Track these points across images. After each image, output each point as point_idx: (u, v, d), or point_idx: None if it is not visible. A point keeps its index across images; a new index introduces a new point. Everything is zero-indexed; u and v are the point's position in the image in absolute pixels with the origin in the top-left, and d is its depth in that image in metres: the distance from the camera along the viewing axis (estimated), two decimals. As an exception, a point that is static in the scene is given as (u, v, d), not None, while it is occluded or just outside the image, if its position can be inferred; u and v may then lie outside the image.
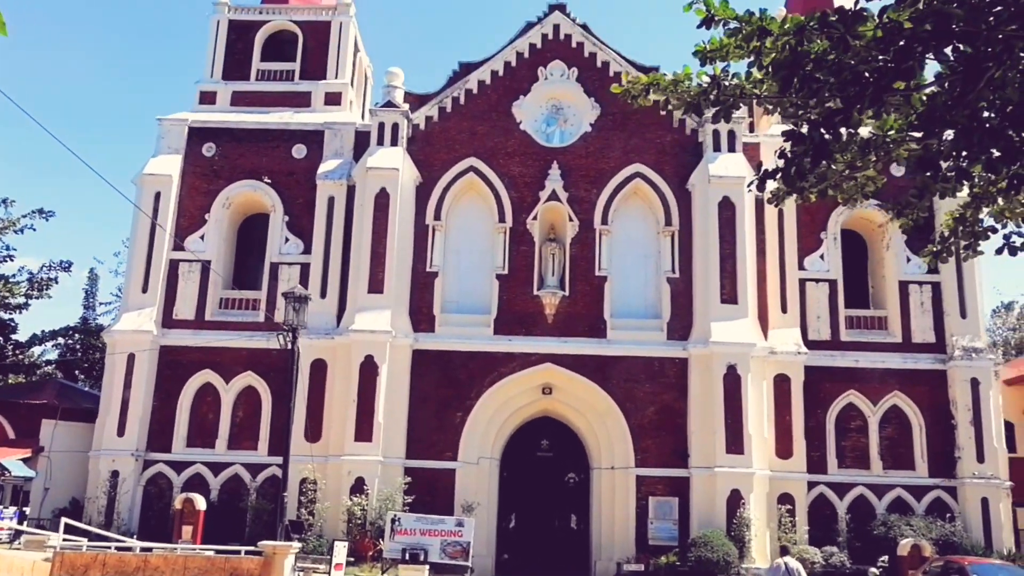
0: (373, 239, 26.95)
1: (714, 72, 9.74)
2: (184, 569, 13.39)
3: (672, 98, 10.12)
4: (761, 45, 9.59)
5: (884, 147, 9.99)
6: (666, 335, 26.88)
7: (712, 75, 9.79)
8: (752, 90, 9.81)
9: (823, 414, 26.73)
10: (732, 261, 26.59)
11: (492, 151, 28.23)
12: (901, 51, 8.05)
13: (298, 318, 15.99)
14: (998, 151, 8.96)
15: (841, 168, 10.29)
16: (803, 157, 9.15)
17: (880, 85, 8.16)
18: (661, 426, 26.26)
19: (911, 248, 27.84)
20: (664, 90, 10.23)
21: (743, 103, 10.05)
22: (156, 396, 27.11)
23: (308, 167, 28.69)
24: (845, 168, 10.35)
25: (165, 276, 27.92)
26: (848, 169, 10.41)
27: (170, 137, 28.96)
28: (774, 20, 8.84)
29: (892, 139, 9.87)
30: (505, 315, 27.10)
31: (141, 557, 13.66)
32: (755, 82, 9.80)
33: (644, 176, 27.97)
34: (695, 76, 10.00)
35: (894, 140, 9.88)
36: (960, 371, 26.49)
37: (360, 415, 25.58)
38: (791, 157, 9.32)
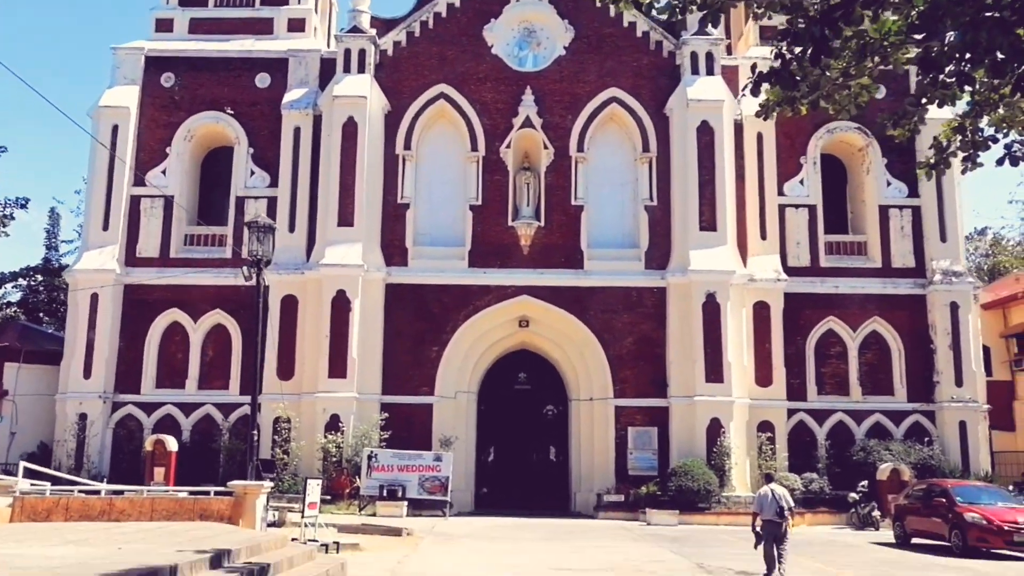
0: (342, 170, 26.06)
1: (702, -30, 9.00)
2: (152, 512, 12.88)
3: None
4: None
5: (882, 51, 9.34)
6: (644, 264, 26.38)
7: (700, -26, 9.04)
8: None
9: (803, 341, 26.47)
10: (711, 187, 26.00)
11: (463, 77, 27.24)
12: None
13: (263, 249, 15.26)
14: (1003, 52, 8.34)
15: (835, 75, 9.65)
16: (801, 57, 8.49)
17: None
18: (640, 356, 25.92)
19: (891, 172, 27.39)
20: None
21: (734, 3, 9.31)
22: (122, 336, 26.36)
23: (272, 97, 27.58)
24: (839, 75, 9.71)
25: (127, 213, 26.94)
26: (842, 76, 9.77)
27: (126, 67, 27.68)
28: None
29: (891, 42, 9.21)
30: (479, 247, 26.45)
31: (106, 500, 13.13)
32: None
33: (620, 101, 27.15)
34: (680, -24, 9.24)
35: (892, 43, 9.22)
36: (939, 295, 26.26)
37: (333, 351, 25.02)
38: (788, 57, 8.67)
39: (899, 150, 27.41)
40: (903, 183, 27.28)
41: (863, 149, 27.72)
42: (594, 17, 27.55)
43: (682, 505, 23.03)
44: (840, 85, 9.80)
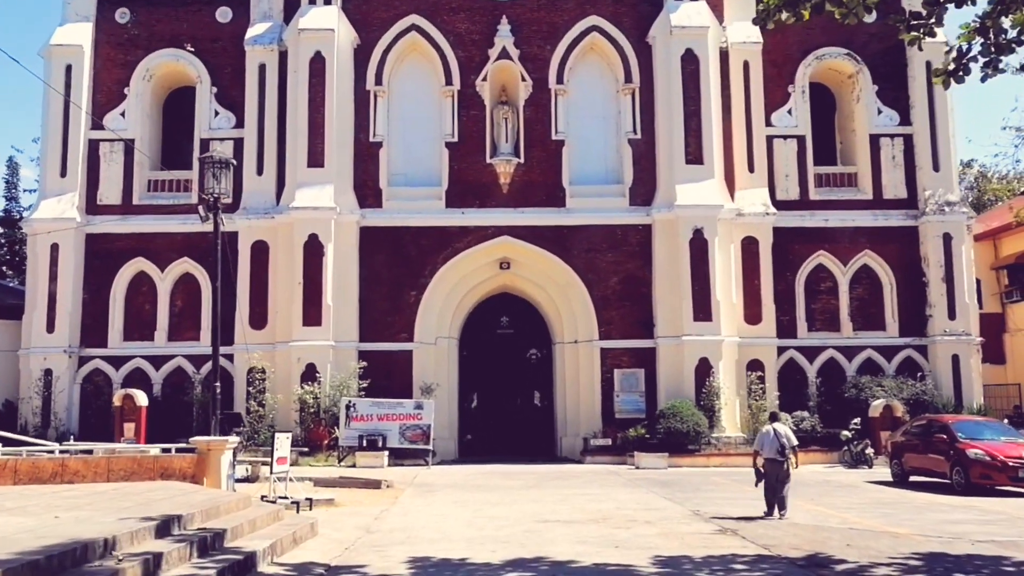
0: (310, 108, 24.79)
1: None
2: (108, 472, 11.99)
3: None
4: None
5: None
6: (628, 201, 25.40)
7: None
8: None
9: (792, 277, 25.69)
10: (697, 119, 24.93)
11: (435, 6, 25.86)
12: None
13: (219, 186, 14.17)
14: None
15: (845, -30, 8.62)
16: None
17: None
18: (625, 296, 25.08)
19: (882, 100, 26.40)
20: None
21: None
22: (86, 288, 25.24)
23: (235, 32, 26.12)
24: (849, -29, 8.69)
25: (85, 158, 25.63)
26: (852, -27, 8.75)
27: (77, 2, 26.09)
28: None
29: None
30: (457, 186, 25.36)
31: (58, 461, 12.21)
32: None
33: (601, 29, 25.89)
34: None
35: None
36: (932, 226, 25.47)
37: (307, 298, 24.04)
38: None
39: (890, 76, 26.42)
40: (894, 111, 26.31)
41: (853, 76, 26.67)
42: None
43: (671, 448, 22.41)
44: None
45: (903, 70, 26.38)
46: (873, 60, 26.36)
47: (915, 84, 26.14)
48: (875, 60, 26.36)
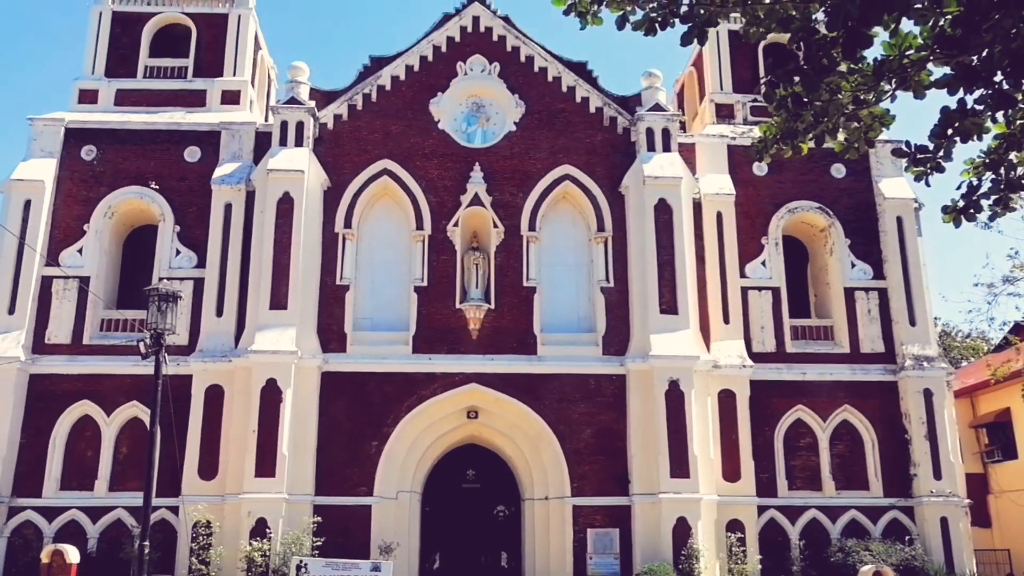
0: (276, 249, 24.10)
1: (688, -34, 7.48)
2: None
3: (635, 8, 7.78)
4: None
5: (900, 71, 7.83)
6: (602, 350, 24.61)
7: (686, -28, 7.52)
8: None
9: (771, 432, 24.73)
10: (671, 268, 24.54)
11: (408, 152, 25.72)
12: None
13: (164, 321, 13.17)
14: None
15: (846, 100, 8.11)
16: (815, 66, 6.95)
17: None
18: (599, 450, 23.90)
19: (855, 253, 26.29)
20: (621, 0, 7.88)
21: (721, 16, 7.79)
22: (24, 432, 23.59)
23: (202, 171, 25.70)
24: (850, 101, 8.17)
25: (36, 295, 24.52)
26: (853, 104, 8.24)
27: (43, 139, 25.66)
28: None
29: (912, 59, 7.72)
30: (425, 331, 24.48)
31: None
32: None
33: (574, 178, 25.81)
34: (662, -22, 7.72)
35: (914, 61, 7.72)
36: (912, 382, 24.82)
37: (261, 447, 22.57)
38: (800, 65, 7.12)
39: (862, 230, 26.45)
40: (867, 264, 26.17)
41: (825, 230, 26.65)
42: (545, 92, 26.47)
43: (649, 616, 20.75)
44: (850, 114, 8.26)
45: (875, 224, 26.42)
46: (845, 214, 26.43)
47: (887, 239, 26.12)
48: (847, 214, 26.44)
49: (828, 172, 26.73)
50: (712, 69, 28.39)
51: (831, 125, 8.39)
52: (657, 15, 7.83)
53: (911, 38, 7.65)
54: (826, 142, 8.59)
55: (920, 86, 7.82)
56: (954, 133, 8.03)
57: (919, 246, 26.17)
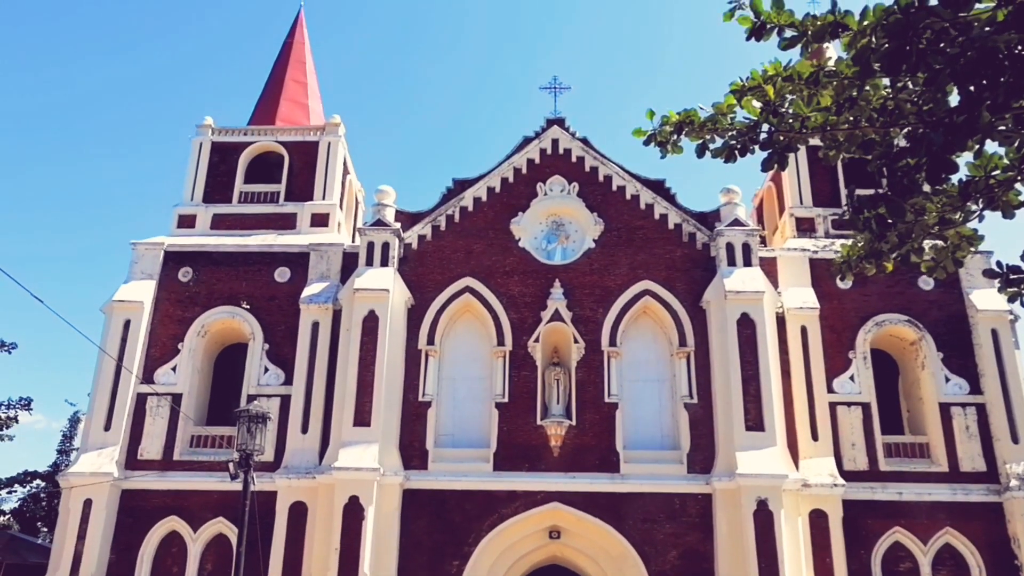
0: (360, 366, 24.54)
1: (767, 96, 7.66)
2: None
3: (714, 136, 7.97)
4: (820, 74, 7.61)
5: (987, 191, 7.79)
6: (686, 468, 24.08)
7: (766, 101, 7.70)
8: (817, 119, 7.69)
9: (867, 555, 23.59)
10: (756, 383, 24.11)
11: (489, 270, 26.21)
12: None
13: (253, 441, 13.46)
14: None
15: (932, 221, 8.07)
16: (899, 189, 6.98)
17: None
18: (685, 572, 23.08)
19: (948, 367, 25.42)
20: (700, 130, 8.08)
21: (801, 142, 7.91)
22: (114, 548, 24.02)
23: (291, 291, 26.60)
24: (936, 222, 8.13)
25: (131, 412, 25.34)
26: (939, 224, 8.19)
27: (144, 262, 27.00)
28: (850, 14, 6.82)
29: (998, 179, 7.68)
30: (506, 448, 24.38)
31: None
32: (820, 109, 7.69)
33: (654, 294, 25.85)
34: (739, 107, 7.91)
35: (1001, 181, 7.68)
36: (1018, 503, 23.51)
37: (343, 565, 22.47)
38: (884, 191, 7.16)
39: (955, 344, 25.64)
40: (963, 379, 25.26)
41: (915, 343, 25.93)
42: (624, 210, 26.85)
43: None
44: (936, 234, 8.21)
45: (968, 337, 25.63)
46: (935, 327, 25.74)
47: (982, 352, 25.27)
48: (937, 327, 25.73)
49: (915, 284, 26.21)
50: (791, 183, 28.45)
51: (916, 245, 8.35)
52: (736, 143, 7.99)
53: (996, 159, 7.63)
54: (912, 259, 8.53)
55: (1008, 206, 7.75)
56: (1049, 252, 7.90)
57: (1017, 359, 25.22)
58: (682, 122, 8.02)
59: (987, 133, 6.77)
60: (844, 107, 7.70)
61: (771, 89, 7.64)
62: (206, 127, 29.57)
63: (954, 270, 8.71)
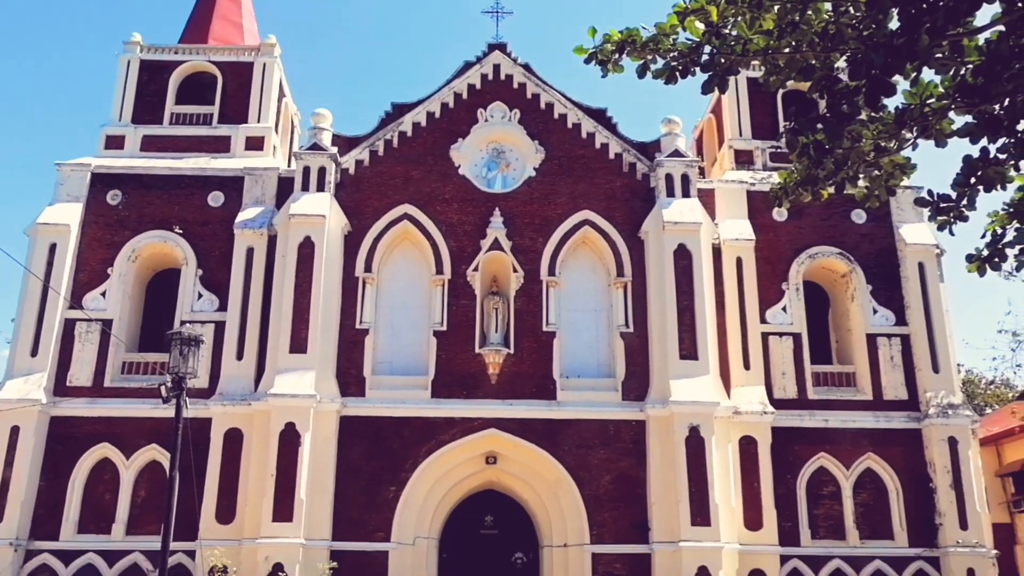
0: (296, 293, 24.24)
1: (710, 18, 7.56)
2: None
3: (656, 57, 7.87)
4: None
5: (922, 120, 7.86)
6: (621, 395, 24.47)
7: (708, 23, 7.60)
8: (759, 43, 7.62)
9: (793, 480, 24.42)
10: (691, 313, 24.47)
11: (428, 197, 25.93)
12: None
13: (186, 365, 13.24)
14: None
15: (867, 148, 8.13)
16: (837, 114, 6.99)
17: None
18: (618, 497, 23.64)
19: (877, 299, 26.10)
20: (642, 50, 7.96)
21: (742, 65, 7.86)
22: (43, 475, 23.65)
23: (225, 216, 25.99)
24: (871, 149, 8.20)
25: (59, 338, 24.73)
26: (874, 152, 8.26)
27: (70, 184, 26.07)
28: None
29: (933, 108, 7.75)
30: (444, 376, 24.46)
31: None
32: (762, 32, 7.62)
33: (593, 224, 25.89)
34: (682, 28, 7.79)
35: (936, 109, 7.75)
36: (936, 429, 24.50)
37: (279, 492, 22.49)
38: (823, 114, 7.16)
39: (884, 277, 26.30)
40: (890, 311, 25.98)
41: (846, 275, 26.52)
42: (565, 138, 26.68)
43: (670, 669, 20.35)
44: (871, 162, 8.28)
45: (896, 270, 26.29)
46: (866, 260, 26.32)
47: (909, 285, 25.97)
48: (868, 260, 26.32)
49: (848, 218, 26.68)
50: (731, 116, 28.55)
51: (852, 173, 8.41)
52: (677, 64, 7.90)
53: (932, 87, 7.68)
54: (847, 189, 8.61)
55: (942, 135, 7.84)
56: (977, 182, 8.02)
57: (941, 292, 25.97)
58: (624, 41, 7.90)
59: (925, 58, 6.79)
60: (786, 31, 7.65)
61: (714, 11, 7.55)
62: (134, 44, 28.39)
63: (887, 199, 8.83)
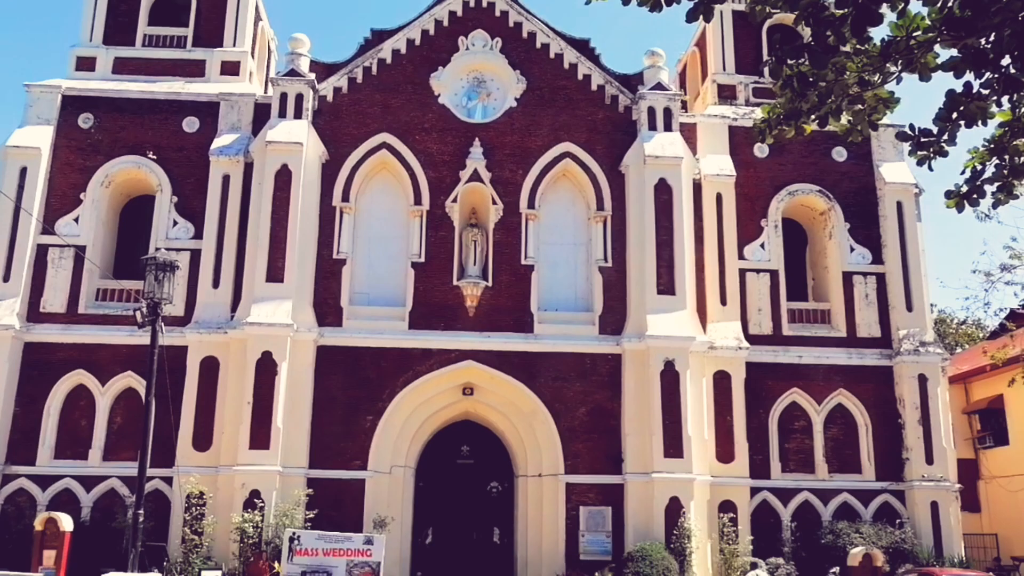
0: (273, 222, 23.99)
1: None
2: (2, 612, 10.35)
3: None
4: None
5: (907, 52, 7.74)
6: (598, 329, 24.57)
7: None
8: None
9: (765, 414, 24.78)
10: (669, 249, 24.48)
11: (407, 126, 25.56)
12: None
13: (161, 290, 13.12)
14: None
15: (851, 80, 8.01)
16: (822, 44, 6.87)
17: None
18: (593, 429, 23.92)
19: (854, 238, 26.22)
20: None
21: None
22: (18, 401, 23.57)
23: (200, 142, 25.53)
24: (855, 82, 8.08)
25: (31, 263, 24.42)
26: (858, 85, 8.14)
27: (40, 106, 25.46)
28: None
29: (918, 41, 7.62)
30: (421, 308, 24.43)
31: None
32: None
33: (574, 156, 25.67)
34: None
35: (920, 43, 7.63)
36: (907, 367, 24.87)
37: (256, 420, 22.57)
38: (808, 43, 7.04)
39: (862, 215, 26.37)
40: (866, 249, 26.12)
41: (825, 213, 26.57)
42: (547, 68, 26.28)
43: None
44: (854, 96, 8.17)
45: (875, 209, 26.36)
46: (845, 198, 26.35)
47: (887, 223, 26.07)
48: (847, 198, 26.36)
49: (829, 155, 26.62)
50: (715, 50, 28.21)
51: (835, 106, 8.30)
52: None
53: (919, 19, 7.55)
54: (830, 124, 8.52)
55: (926, 68, 7.72)
56: (959, 117, 7.94)
57: (919, 232, 26.11)
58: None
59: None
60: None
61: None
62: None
63: (869, 134, 8.73)
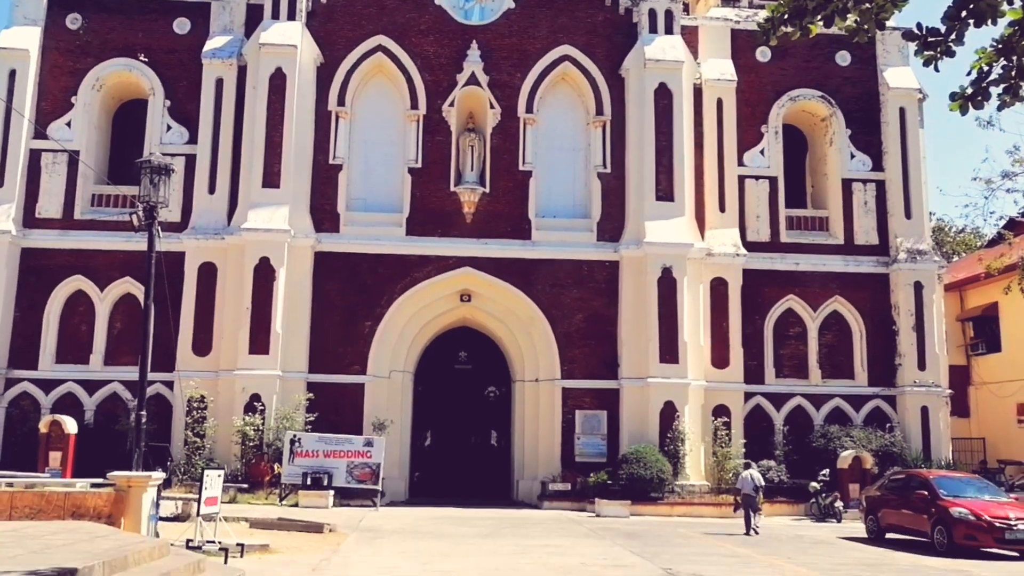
0: (268, 126, 23.67)
1: None
2: (10, 509, 10.62)
3: None
4: None
5: (917, -53, 7.50)
6: (596, 236, 24.54)
7: None
8: None
9: (761, 320, 24.96)
10: (668, 155, 24.24)
11: (403, 28, 24.98)
12: None
13: (157, 193, 13.02)
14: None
15: (859, -24, 7.79)
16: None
17: None
18: (590, 335, 24.11)
19: (855, 144, 25.96)
20: None
21: None
22: (18, 306, 23.66)
23: (193, 44, 24.97)
24: (863, -22, 7.85)
25: (25, 168, 24.18)
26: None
27: (26, 5, 24.80)
28: None
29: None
30: (419, 214, 24.32)
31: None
32: None
33: (573, 59, 25.17)
34: None
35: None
36: (903, 274, 24.95)
37: (255, 325, 22.72)
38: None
39: (863, 121, 26.05)
40: (867, 156, 25.89)
41: (826, 119, 26.23)
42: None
43: (634, 495, 21.34)
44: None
45: (876, 115, 26.01)
46: (847, 104, 25.97)
47: (888, 130, 25.76)
48: (849, 104, 25.98)
49: (833, 60, 26.13)
50: (719, -52, 27.36)
51: (842, 4, 8.09)
52: None
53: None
54: (835, 23, 8.30)
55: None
56: (968, 15, 7.74)
57: (920, 138, 25.83)
58: None
59: None
60: None
61: None
62: None
63: (875, 34, 8.53)
